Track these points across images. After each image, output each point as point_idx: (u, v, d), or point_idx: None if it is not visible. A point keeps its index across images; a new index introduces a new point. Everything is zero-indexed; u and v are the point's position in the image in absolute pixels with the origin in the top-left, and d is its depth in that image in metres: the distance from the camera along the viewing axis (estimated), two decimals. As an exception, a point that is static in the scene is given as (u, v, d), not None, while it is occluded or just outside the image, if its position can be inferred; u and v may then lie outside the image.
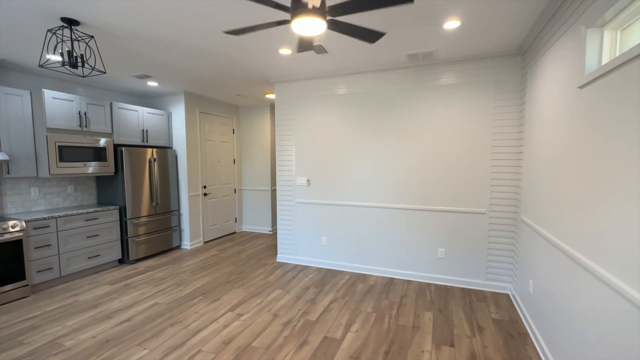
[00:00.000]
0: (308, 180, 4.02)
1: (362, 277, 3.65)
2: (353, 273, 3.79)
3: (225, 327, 2.58)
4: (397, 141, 3.53)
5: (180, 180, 4.88)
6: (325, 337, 2.41)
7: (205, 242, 5.25)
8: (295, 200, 4.10)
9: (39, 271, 3.28)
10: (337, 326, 2.58)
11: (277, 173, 4.19)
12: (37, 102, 3.39)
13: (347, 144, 3.78)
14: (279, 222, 4.24)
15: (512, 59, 3.03)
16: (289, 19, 1.98)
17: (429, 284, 3.44)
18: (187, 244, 4.93)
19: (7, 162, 3.14)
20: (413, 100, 3.43)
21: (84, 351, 2.26)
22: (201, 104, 5.04)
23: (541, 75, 2.42)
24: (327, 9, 1.77)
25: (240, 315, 2.77)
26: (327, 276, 3.70)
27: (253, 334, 2.47)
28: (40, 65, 2.39)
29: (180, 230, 4.93)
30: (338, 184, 3.86)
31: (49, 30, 2.33)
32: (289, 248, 4.21)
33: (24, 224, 3.13)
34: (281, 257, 4.27)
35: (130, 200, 4.13)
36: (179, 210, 4.90)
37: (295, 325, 2.59)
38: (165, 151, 4.63)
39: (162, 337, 2.44)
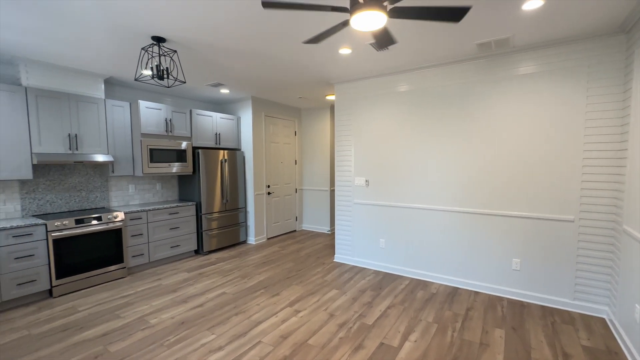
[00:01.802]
0: (367, 180, 3.95)
1: (423, 284, 3.45)
2: (413, 279, 3.61)
3: (283, 321, 2.68)
4: (464, 139, 3.25)
5: (247, 179, 5.24)
6: (382, 344, 2.34)
7: (268, 239, 5.55)
8: (353, 201, 4.08)
9: (133, 256, 3.85)
10: (394, 333, 2.48)
11: (336, 173, 4.21)
12: (134, 111, 3.99)
13: (408, 143, 3.62)
14: (336, 222, 4.26)
15: (612, 38, 2.55)
16: (348, 16, 1.96)
17: (500, 298, 3.09)
18: (252, 240, 5.27)
19: (112, 162, 3.76)
20: (483, 94, 3.12)
21: (164, 330, 2.57)
22: (266, 107, 5.35)
23: (654, 55, 1.98)
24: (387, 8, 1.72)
25: (297, 311, 2.85)
26: (385, 280, 3.59)
27: (309, 331, 2.52)
28: (135, 79, 2.80)
29: (246, 227, 5.30)
30: (398, 184, 3.72)
31: (142, 48, 2.71)
32: (346, 249, 4.20)
33: (123, 215, 3.71)
34: (338, 257, 4.28)
35: (205, 197, 4.59)
36: (245, 207, 5.27)
37: (351, 328, 2.56)
38: (234, 153, 5.03)
39: (228, 324, 2.64)
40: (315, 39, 2.07)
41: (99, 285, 3.51)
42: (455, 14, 1.74)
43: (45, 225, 3.10)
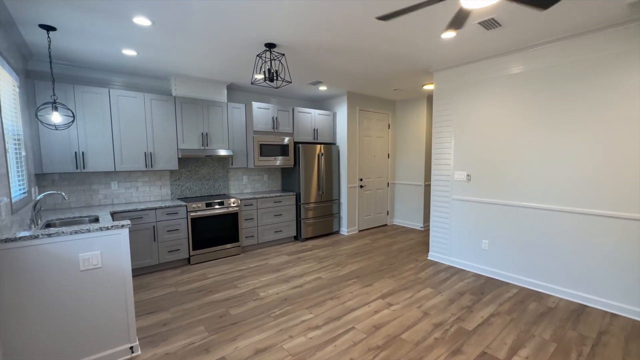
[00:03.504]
0: (468, 175, 3.64)
1: (536, 295, 3.02)
2: (522, 287, 3.19)
3: (376, 312, 2.74)
4: (596, 127, 2.67)
5: (341, 172, 5.45)
6: (484, 353, 2.17)
7: (359, 231, 5.67)
8: (451, 197, 3.81)
9: (246, 237, 4.49)
10: (499, 344, 2.27)
11: (433, 167, 4.00)
12: (248, 112, 4.60)
13: (521, 133, 3.17)
14: (432, 218, 4.06)
15: None
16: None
17: (652, 327, 2.46)
18: (344, 230, 5.48)
19: (231, 156, 4.44)
20: (631, 69, 2.48)
21: (270, 303, 2.95)
22: (361, 102, 5.42)
23: None
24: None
25: (390, 304, 2.88)
26: (488, 285, 3.27)
27: (402, 326, 2.52)
28: (251, 83, 3.23)
29: (339, 218, 5.53)
30: (507, 180, 3.30)
31: (257, 55, 3.10)
32: (442, 247, 3.98)
33: (239, 201, 4.35)
34: (433, 256, 4.09)
35: (304, 188, 4.98)
36: (339, 199, 5.50)
37: (447, 330, 2.46)
38: (330, 147, 5.28)
39: (324, 307, 2.86)
40: (392, 15, 1.88)
41: (220, 259, 4.23)
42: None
43: (186, 206, 3.90)
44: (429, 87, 4.77)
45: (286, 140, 4.88)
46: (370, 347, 2.23)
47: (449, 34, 2.79)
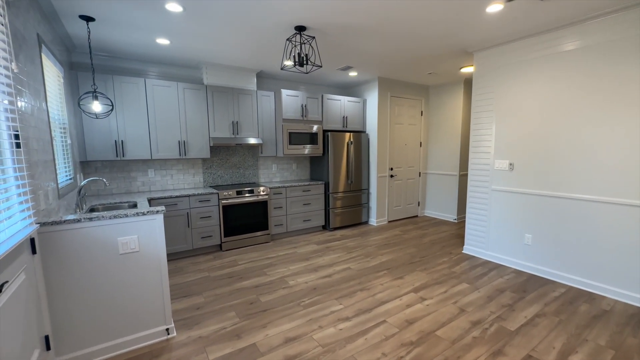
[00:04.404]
0: (511, 164, 3.37)
1: (587, 296, 2.76)
2: (571, 287, 2.93)
3: (408, 306, 2.64)
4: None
5: (371, 161, 5.29)
6: (530, 356, 2.01)
7: (389, 222, 5.52)
8: (490, 187, 3.56)
9: (275, 225, 4.51)
10: (546, 348, 2.09)
11: (470, 155, 3.75)
12: (277, 100, 4.56)
13: (574, 117, 2.85)
14: (468, 210, 3.83)
15: None
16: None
17: None
18: (373, 221, 5.36)
19: (261, 145, 4.44)
20: None
21: (300, 292, 2.94)
22: (392, 88, 5.19)
23: None
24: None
25: (423, 299, 2.76)
26: (531, 282, 3.04)
27: (437, 322, 2.40)
28: (281, 69, 3.17)
29: (368, 208, 5.41)
30: (555, 169, 3.01)
31: (287, 39, 3.02)
32: (478, 240, 3.75)
33: (268, 189, 4.37)
34: (468, 249, 3.88)
35: (332, 177, 4.90)
36: (368, 189, 5.36)
37: (487, 329, 2.31)
38: (359, 135, 5.13)
39: (354, 298, 2.80)
40: None
41: (249, 246, 4.29)
42: None
43: (218, 194, 3.97)
44: (467, 69, 4.45)
45: (315, 128, 4.80)
46: (403, 343, 2.15)
47: (496, 6, 2.53)
